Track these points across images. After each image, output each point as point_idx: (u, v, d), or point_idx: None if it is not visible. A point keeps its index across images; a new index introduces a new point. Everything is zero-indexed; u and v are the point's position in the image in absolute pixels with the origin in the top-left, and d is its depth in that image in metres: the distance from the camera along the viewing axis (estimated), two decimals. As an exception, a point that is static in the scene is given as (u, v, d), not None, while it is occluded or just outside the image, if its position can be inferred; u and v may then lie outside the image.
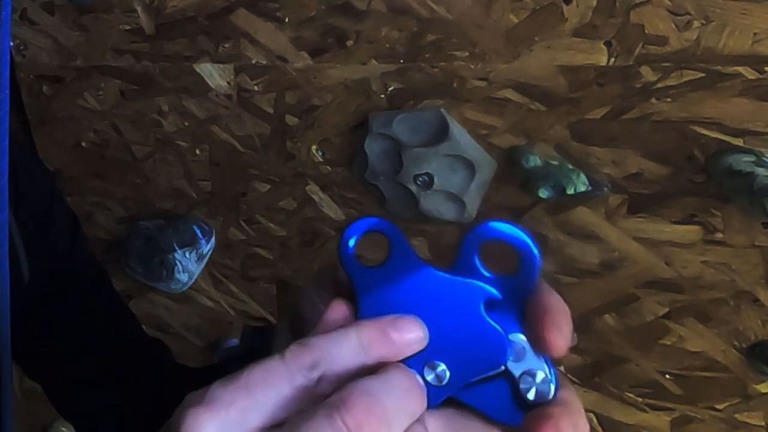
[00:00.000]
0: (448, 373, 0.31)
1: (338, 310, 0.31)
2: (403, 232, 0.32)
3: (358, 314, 0.32)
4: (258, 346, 0.46)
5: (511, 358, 0.31)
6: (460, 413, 0.31)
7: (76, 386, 0.57)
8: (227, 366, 0.47)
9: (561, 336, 0.31)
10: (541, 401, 0.31)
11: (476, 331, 0.31)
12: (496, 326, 0.31)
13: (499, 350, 0.31)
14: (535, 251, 0.31)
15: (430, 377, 0.30)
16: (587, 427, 0.32)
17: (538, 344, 0.31)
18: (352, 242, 0.32)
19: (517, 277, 0.31)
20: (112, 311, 0.60)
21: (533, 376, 0.31)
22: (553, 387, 0.31)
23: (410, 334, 0.31)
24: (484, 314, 0.31)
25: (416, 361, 0.31)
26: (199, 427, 0.27)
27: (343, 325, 0.30)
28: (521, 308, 0.31)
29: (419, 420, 0.30)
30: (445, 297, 0.31)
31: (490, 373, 0.31)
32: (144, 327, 0.62)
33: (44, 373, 0.58)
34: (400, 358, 0.31)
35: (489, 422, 0.31)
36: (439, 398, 0.30)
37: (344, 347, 0.29)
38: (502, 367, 0.31)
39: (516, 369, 0.31)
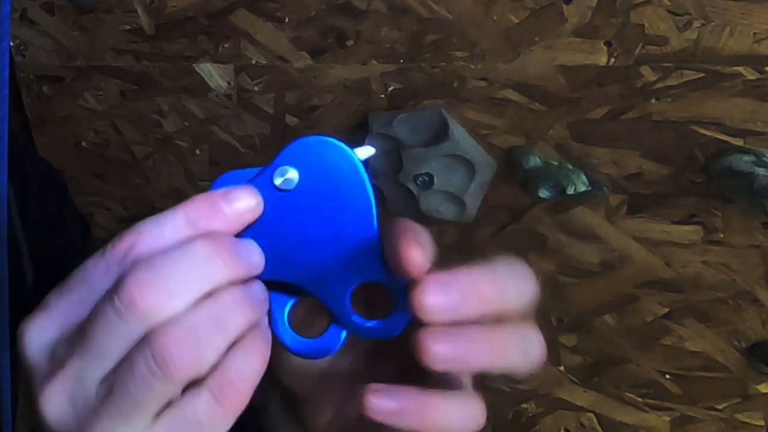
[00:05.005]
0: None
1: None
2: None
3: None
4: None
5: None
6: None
7: None
8: None
9: (416, 249, 0.30)
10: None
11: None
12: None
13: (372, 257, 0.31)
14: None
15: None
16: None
17: (397, 268, 0.30)
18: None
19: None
20: None
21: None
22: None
23: (241, 203, 0.29)
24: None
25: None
26: (27, 329, 0.28)
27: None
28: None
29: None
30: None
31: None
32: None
33: None
34: (234, 231, 0.29)
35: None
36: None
37: (168, 225, 0.28)
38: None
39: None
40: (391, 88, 0.89)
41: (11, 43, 0.90)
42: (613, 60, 0.82)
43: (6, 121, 0.43)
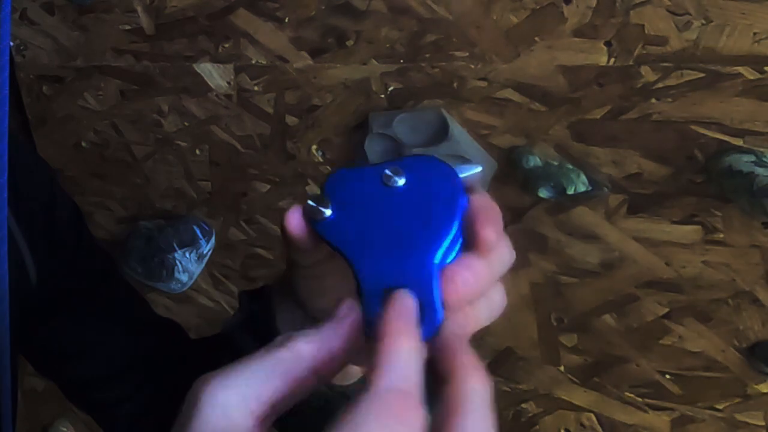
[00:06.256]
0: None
1: (348, 310, 0.31)
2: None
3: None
4: (257, 311, 0.46)
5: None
6: None
7: (91, 381, 0.57)
8: (232, 335, 0.47)
9: (491, 230, 0.33)
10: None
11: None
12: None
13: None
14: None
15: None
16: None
17: (472, 242, 0.33)
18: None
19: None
20: (122, 300, 0.59)
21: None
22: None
23: (410, 314, 0.31)
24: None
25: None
26: None
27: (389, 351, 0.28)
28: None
29: None
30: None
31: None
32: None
33: (58, 371, 0.58)
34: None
35: None
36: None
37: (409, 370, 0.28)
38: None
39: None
40: (391, 88, 0.89)
41: (11, 43, 0.90)
42: (613, 60, 0.82)
43: (6, 121, 0.43)
